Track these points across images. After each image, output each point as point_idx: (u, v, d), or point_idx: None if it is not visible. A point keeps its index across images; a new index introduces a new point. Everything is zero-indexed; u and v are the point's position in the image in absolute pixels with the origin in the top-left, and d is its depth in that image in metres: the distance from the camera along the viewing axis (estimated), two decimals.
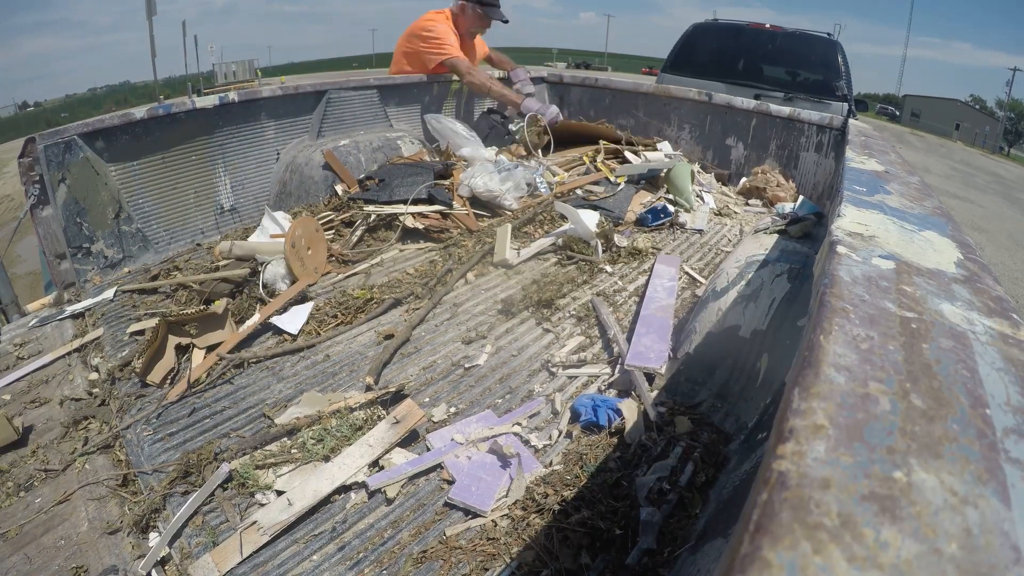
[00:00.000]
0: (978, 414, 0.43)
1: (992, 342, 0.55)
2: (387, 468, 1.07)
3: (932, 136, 34.82)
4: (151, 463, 1.08)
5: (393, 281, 1.75)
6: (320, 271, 1.74)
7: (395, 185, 2.09)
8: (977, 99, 50.26)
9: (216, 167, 2.22)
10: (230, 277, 1.58)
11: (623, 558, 0.90)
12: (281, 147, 2.43)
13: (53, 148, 1.67)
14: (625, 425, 1.16)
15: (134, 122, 1.92)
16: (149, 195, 2.00)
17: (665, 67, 5.02)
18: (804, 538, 0.30)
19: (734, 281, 1.42)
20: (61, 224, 1.69)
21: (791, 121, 2.74)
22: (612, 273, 1.86)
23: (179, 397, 1.24)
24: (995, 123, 41.79)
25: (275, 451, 1.09)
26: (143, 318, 1.53)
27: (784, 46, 4.86)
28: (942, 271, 0.70)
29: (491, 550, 0.92)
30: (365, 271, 1.81)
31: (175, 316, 1.38)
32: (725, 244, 2.16)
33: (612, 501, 0.99)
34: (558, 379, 1.36)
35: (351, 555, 0.91)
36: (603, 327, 1.53)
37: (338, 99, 2.57)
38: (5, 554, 0.93)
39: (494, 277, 1.81)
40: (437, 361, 1.41)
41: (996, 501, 0.35)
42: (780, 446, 0.37)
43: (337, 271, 1.79)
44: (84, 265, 1.74)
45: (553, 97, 3.73)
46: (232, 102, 2.22)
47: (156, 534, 0.95)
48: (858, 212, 0.88)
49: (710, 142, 3.08)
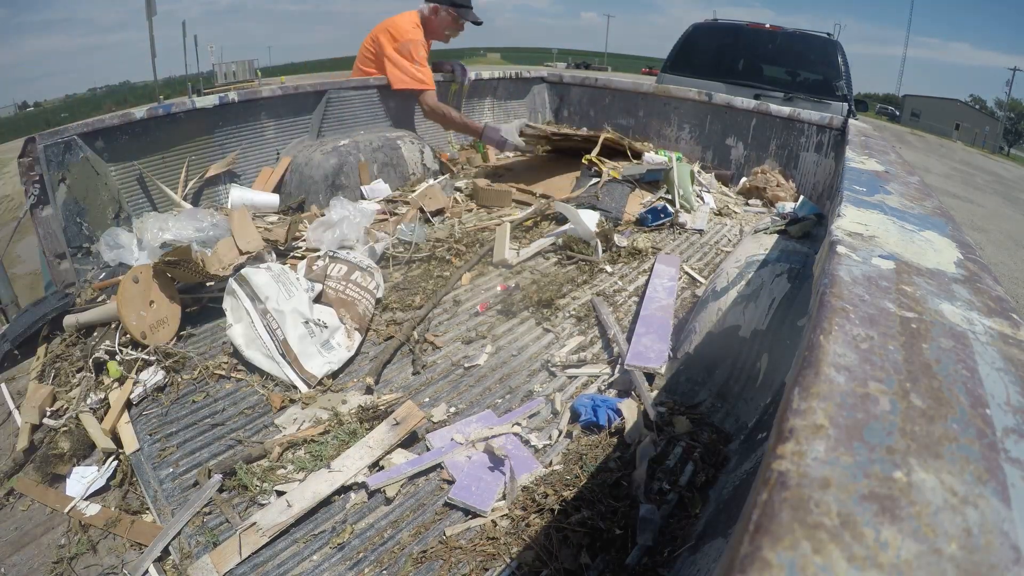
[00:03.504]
0: (978, 414, 0.43)
1: (992, 342, 0.55)
2: (387, 468, 1.07)
3: (932, 136, 34.82)
4: (151, 462, 1.08)
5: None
6: (167, 327, 1.41)
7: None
8: (977, 99, 50.26)
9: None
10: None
11: (623, 558, 0.90)
12: (281, 147, 2.43)
13: (53, 148, 1.67)
14: (625, 425, 1.16)
15: (134, 122, 1.92)
16: (149, 195, 2.00)
17: (665, 67, 5.01)
18: (804, 538, 0.30)
19: (734, 281, 1.42)
20: (61, 224, 1.69)
21: (791, 121, 2.74)
22: (612, 273, 1.86)
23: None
24: (995, 123, 41.79)
25: (273, 459, 1.09)
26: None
27: (784, 46, 4.86)
28: (942, 271, 0.70)
29: (491, 550, 0.92)
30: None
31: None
32: (725, 244, 2.16)
33: (612, 501, 0.99)
34: (558, 379, 1.36)
35: (351, 555, 0.91)
36: (603, 327, 1.53)
37: (338, 99, 2.56)
38: (5, 554, 0.93)
39: (494, 277, 1.81)
40: (437, 361, 1.41)
41: (996, 501, 0.35)
42: (780, 446, 0.37)
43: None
44: (84, 265, 1.74)
45: (553, 97, 3.73)
46: (232, 102, 2.22)
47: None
48: (858, 212, 0.88)
49: (710, 142, 3.08)
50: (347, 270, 1.58)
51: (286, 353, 1.30)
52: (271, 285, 1.38)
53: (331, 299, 1.49)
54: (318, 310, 1.43)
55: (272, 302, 1.35)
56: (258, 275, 1.40)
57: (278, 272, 1.43)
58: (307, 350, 1.31)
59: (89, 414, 1.18)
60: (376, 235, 1.89)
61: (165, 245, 1.65)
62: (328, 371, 1.31)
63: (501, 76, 3.47)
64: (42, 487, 1.06)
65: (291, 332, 1.32)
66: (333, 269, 1.58)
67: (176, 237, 1.68)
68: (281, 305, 1.35)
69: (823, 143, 2.62)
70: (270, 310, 1.34)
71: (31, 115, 39.26)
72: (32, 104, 47.34)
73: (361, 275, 1.58)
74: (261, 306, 1.35)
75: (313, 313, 1.39)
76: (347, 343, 1.40)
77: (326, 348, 1.35)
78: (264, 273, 1.41)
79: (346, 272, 1.57)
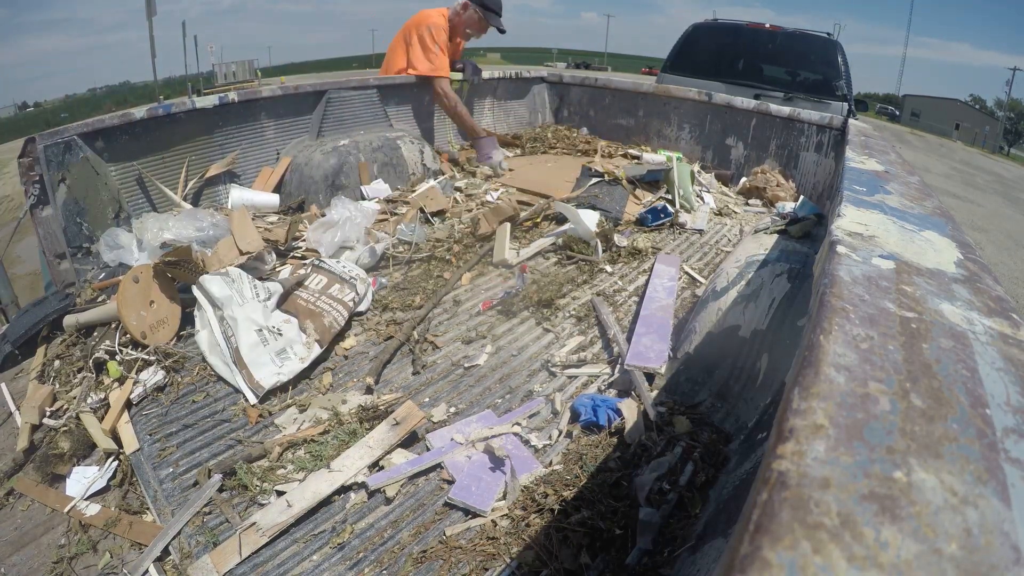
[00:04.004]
0: (978, 414, 0.43)
1: (992, 342, 0.55)
2: (387, 468, 1.07)
3: (932, 136, 34.81)
4: (150, 463, 1.08)
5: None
6: (167, 327, 1.42)
7: None
8: (977, 99, 50.25)
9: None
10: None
11: (623, 558, 0.90)
12: (281, 147, 2.43)
13: (53, 148, 1.67)
14: (625, 425, 1.16)
15: (134, 122, 1.92)
16: (149, 195, 2.00)
17: (665, 67, 5.01)
18: (804, 538, 0.30)
19: (734, 281, 1.42)
20: (61, 224, 1.69)
21: (791, 121, 2.74)
22: (612, 273, 1.86)
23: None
24: (995, 123, 41.78)
25: (273, 460, 1.09)
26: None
27: (784, 46, 4.86)
28: (942, 271, 0.70)
29: (491, 550, 0.92)
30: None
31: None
32: (725, 244, 2.16)
33: (612, 501, 0.99)
34: (558, 379, 1.36)
35: (351, 555, 0.91)
36: (603, 327, 1.53)
37: (338, 99, 2.56)
38: (5, 554, 0.93)
39: (494, 277, 1.81)
40: (437, 361, 1.41)
41: (996, 501, 0.35)
42: (780, 446, 0.37)
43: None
44: (84, 265, 1.74)
45: (553, 97, 3.73)
46: (232, 102, 2.22)
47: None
48: (858, 212, 0.88)
49: (710, 142, 3.08)
50: (326, 283, 1.55)
51: (237, 361, 1.27)
52: (225, 291, 1.36)
53: (299, 309, 1.45)
54: (277, 318, 1.39)
55: (228, 309, 1.34)
56: (213, 282, 1.37)
57: (235, 277, 1.40)
58: (258, 359, 1.28)
59: (89, 414, 1.18)
60: (376, 235, 1.89)
61: (165, 245, 1.65)
62: (277, 382, 1.26)
63: (501, 76, 3.47)
64: (42, 487, 1.06)
65: (243, 339, 1.29)
66: (313, 280, 1.56)
67: (176, 237, 1.67)
68: (235, 312, 1.33)
69: (823, 143, 2.62)
70: (226, 317, 1.33)
71: (31, 115, 39.27)
72: (32, 104, 47.36)
73: (340, 287, 1.54)
74: (219, 312, 1.34)
75: (269, 320, 1.35)
76: (303, 354, 1.34)
77: (281, 357, 1.30)
78: (218, 279, 1.38)
79: (325, 284, 1.54)
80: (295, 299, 1.49)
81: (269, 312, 1.40)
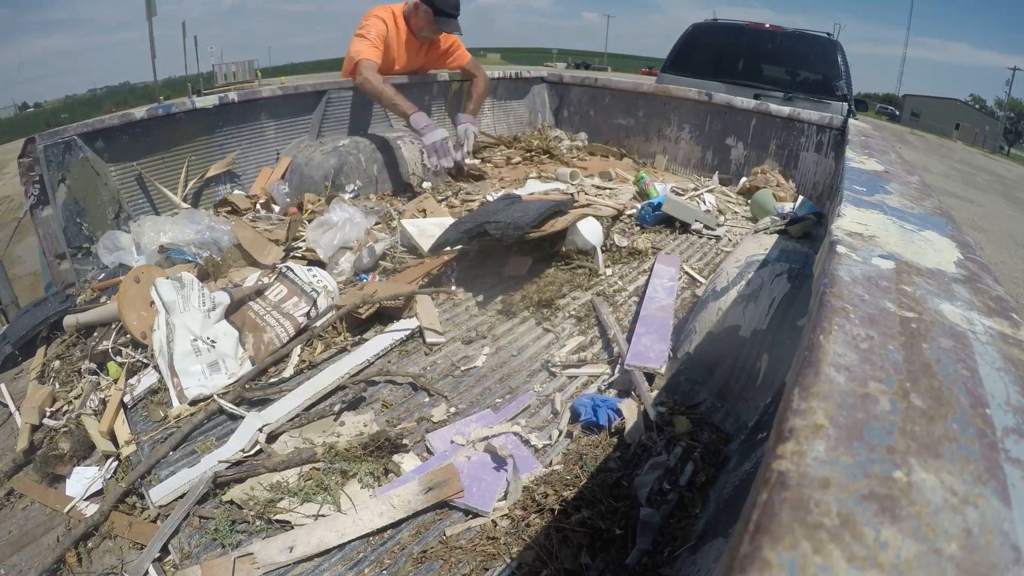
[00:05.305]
0: (978, 414, 0.43)
1: (992, 342, 0.55)
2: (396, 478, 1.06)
3: (932, 136, 34.81)
4: (150, 462, 1.08)
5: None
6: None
7: None
8: (977, 99, 50.25)
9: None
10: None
11: (623, 558, 0.90)
12: (281, 147, 2.43)
13: (53, 148, 1.67)
14: (625, 425, 1.16)
15: (134, 122, 1.92)
16: (148, 195, 2.00)
17: (665, 67, 5.01)
18: (804, 538, 0.30)
19: (734, 281, 1.42)
20: (61, 224, 1.69)
21: (791, 121, 2.74)
22: (612, 273, 1.86)
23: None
24: (995, 123, 41.80)
25: (273, 483, 1.02)
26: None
27: (784, 46, 4.86)
28: (942, 271, 0.70)
29: (491, 550, 0.92)
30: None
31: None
32: (725, 244, 2.16)
33: (612, 501, 0.99)
34: (558, 379, 1.36)
35: (351, 555, 0.91)
36: (603, 327, 1.53)
37: (338, 99, 2.56)
38: (5, 554, 0.93)
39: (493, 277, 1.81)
40: (437, 361, 1.41)
41: (996, 501, 0.35)
42: (780, 446, 0.37)
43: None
44: (84, 266, 1.74)
45: (553, 98, 3.72)
46: (232, 102, 2.22)
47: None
48: (858, 212, 0.88)
49: (710, 142, 3.08)
50: (285, 295, 1.48)
51: (171, 367, 1.26)
52: (172, 296, 1.35)
53: (246, 321, 1.41)
54: (218, 329, 1.36)
55: (172, 314, 1.33)
56: (164, 285, 1.36)
57: (186, 283, 1.38)
58: (188, 368, 1.26)
59: (89, 414, 1.18)
60: (376, 235, 1.89)
61: (163, 249, 1.65)
62: (200, 394, 1.23)
63: (501, 76, 3.46)
64: (42, 487, 1.06)
65: (178, 346, 1.28)
66: (273, 290, 1.50)
67: (173, 240, 1.67)
68: (175, 319, 1.32)
69: (823, 143, 2.62)
70: (170, 322, 1.32)
71: (31, 116, 39.29)
72: (32, 105, 47.35)
73: (296, 301, 1.46)
74: (167, 317, 1.34)
75: (205, 331, 1.33)
76: (234, 369, 1.31)
77: (212, 369, 1.29)
78: (169, 284, 1.37)
79: (282, 297, 1.48)
80: (247, 309, 1.45)
81: (211, 323, 1.37)
